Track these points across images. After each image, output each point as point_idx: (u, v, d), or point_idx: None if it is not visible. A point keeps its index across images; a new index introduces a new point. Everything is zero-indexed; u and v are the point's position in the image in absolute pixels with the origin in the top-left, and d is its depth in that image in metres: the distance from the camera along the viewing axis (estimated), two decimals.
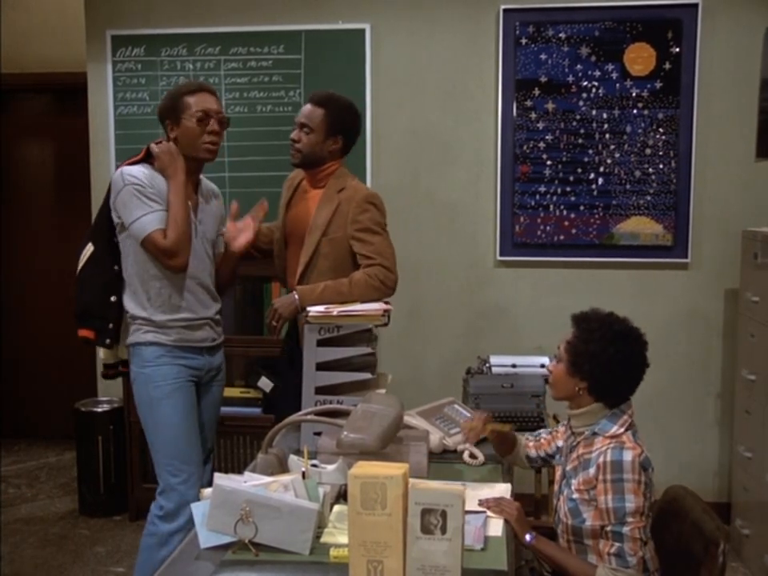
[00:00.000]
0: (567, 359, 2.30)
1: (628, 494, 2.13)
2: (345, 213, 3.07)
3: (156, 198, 2.82)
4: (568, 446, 2.38)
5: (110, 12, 4.33)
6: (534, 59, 4.09)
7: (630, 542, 2.12)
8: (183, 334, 2.93)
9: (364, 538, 1.74)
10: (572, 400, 2.35)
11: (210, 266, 3.03)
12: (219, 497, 2.00)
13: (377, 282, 2.98)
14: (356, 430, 2.15)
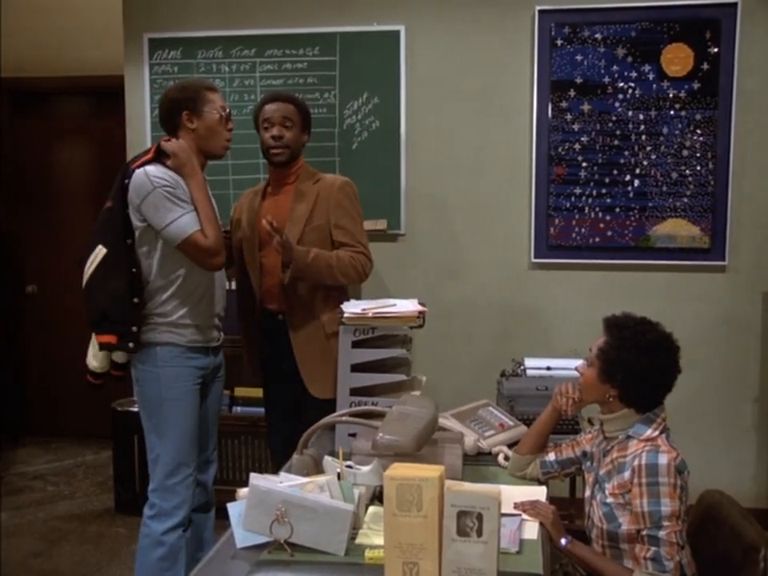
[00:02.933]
0: (599, 366, 2.28)
1: (664, 498, 2.11)
2: (326, 200, 3.16)
3: (186, 198, 2.82)
4: (600, 450, 2.36)
5: (147, 15, 4.38)
6: (569, 60, 4.07)
7: (667, 546, 2.10)
8: (196, 335, 2.94)
9: (399, 540, 1.74)
10: (601, 405, 2.34)
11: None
12: (255, 497, 2.01)
13: (358, 266, 3.14)
14: (391, 432, 2.16)
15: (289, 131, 3.16)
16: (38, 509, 4.49)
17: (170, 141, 2.86)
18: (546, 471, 2.53)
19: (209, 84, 3.00)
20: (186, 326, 2.92)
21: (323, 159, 4.25)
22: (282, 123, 3.15)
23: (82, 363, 2.95)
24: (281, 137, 3.14)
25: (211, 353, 3.04)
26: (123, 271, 2.83)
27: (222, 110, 2.92)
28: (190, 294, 2.91)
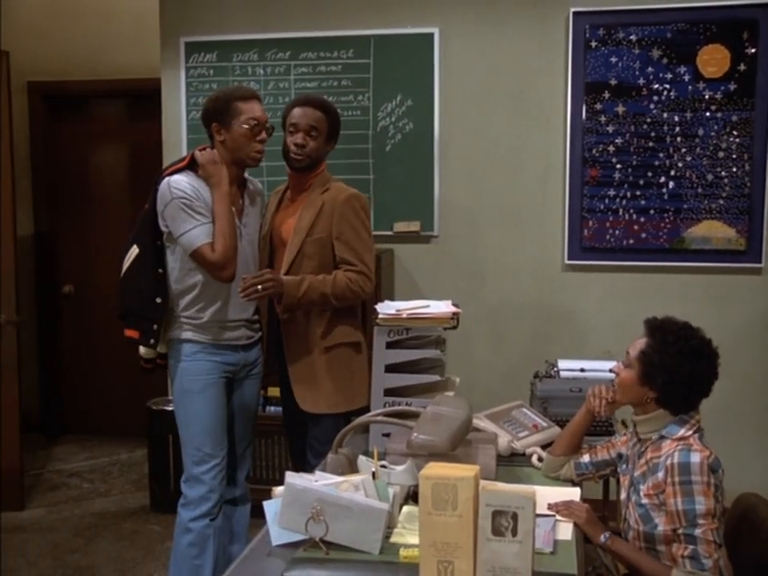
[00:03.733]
0: (640, 368, 2.28)
1: (698, 497, 2.10)
2: (329, 213, 3.06)
3: (202, 210, 2.89)
4: (635, 452, 2.36)
5: (183, 19, 4.43)
6: (604, 62, 4.05)
7: (704, 545, 2.09)
8: (219, 334, 3.01)
9: (435, 539, 1.75)
10: (636, 406, 2.33)
11: (254, 267, 3.09)
12: (291, 495, 2.03)
13: (356, 288, 3.02)
14: (426, 432, 2.17)
15: (313, 140, 3.08)
16: (74, 505, 4.55)
17: (205, 150, 2.97)
18: (580, 473, 2.53)
19: (242, 94, 2.98)
20: (210, 326, 3.01)
21: (357, 161, 4.28)
22: (307, 131, 3.07)
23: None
24: (303, 145, 3.06)
25: (241, 350, 3.09)
26: (150, 271, 2.99)
27: (251, 121, 2.93)
28: (213, 297, 2.99)
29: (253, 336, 3.14)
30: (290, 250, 3.07)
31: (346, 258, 3.04)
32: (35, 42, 5.44)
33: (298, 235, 3.07)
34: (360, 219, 3.09)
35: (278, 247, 3.17)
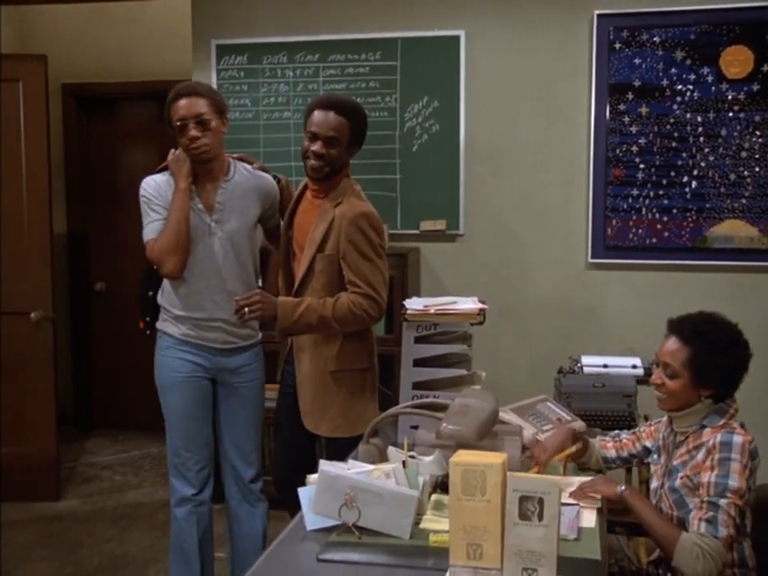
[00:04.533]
0: (689, 376, 2.31)
1: (733, 474, 2.16)
2: (338, 229, 2.89)
3: (158, 208, 2.99)
4: (670, 443, 2.42)
5: (215, 22, 4.54)
6: (627, 63, 4.12)
7: (725, 516, 2.13)
8: (192, 331, 3.04)
9: (464, 523, 1.83)
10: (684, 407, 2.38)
11: (235, 264, 3.03)
12: (324, 482, 2.12)
13: (359, 311, 2.85)
14: (454, 423, 2.25)
15: (333, 149, 2.89)
16: (107, 497, 4.68)
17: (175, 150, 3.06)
18: (607, 465, 2.62)
19: (175, 94, 2.95)
20: (183, 321, 3.05)
21: (384, 161, 4.37)
22: (326, 141, 2.88)
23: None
24: (322, 155, 2.88)
25: (218, 354, 3.07)
26: (148, 266, 3.16)
27: (176, 124, 2.93)
28: (185, 291, 3.02)
29: (234, 342, 3.09)
30: (302, 264, 2.98)
31: (351, 280, 2.88)
32: (69, 46, 5.57)
33: (310, 249, 2.94)
34: (367, 239, 2.89)
35: (295, 250, 3.09)
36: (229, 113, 3.08)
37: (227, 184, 3.03)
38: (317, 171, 2.91)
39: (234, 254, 3.03)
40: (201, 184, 3.01)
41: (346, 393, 2.99)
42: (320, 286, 2.93)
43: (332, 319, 2.85)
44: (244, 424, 3.18)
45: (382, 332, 4.15)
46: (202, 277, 3.00)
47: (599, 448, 2.64)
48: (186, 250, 2.95)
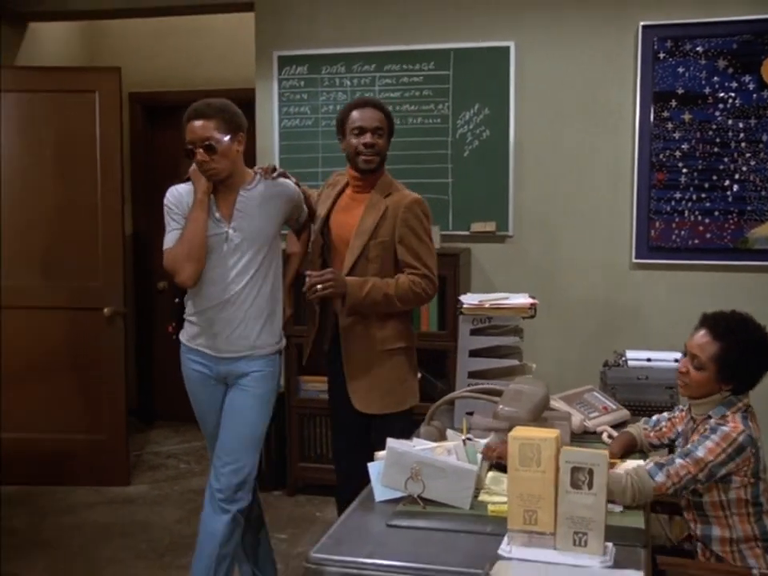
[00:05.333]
0: (715, 370, 2.49)
1: (702, 447, 2.37)
2: (393, 217, 3.14)
3: (178, 218, 3.02)
4: (688, 429, 2.61)
5: (277, 35, 4.79)
6: (671, 72, 4.29)
7: (673, 471, 2.34)
8: (200, 338, 3.07)
9: (521, 491, 2.05)
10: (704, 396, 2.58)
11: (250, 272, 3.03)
12: (392, 457, 2.35)
13: (419, 290, 3.12)
14: (510, 405, 2.47)
15: (380, 139, 3.17)
16: (173, 483, 4.96)
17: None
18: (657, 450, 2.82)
19: (187, 115, 2.95)
20: (193, 325, 3.09)
21: (436, 166, 4.60)
22: (373, 131, 3.15)
23: None
24: (374, 144, 3.15)
25: (223, 362, 3.07)
26: None
27: (187, 149, 2.93)
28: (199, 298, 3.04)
29: (239, 352, 3.06)
30: (351, 252, 3.16)
31: (409, 262, 3.14)
32: (136, 57, 5.87)
33: (361, 238, 3.15)
34: (422, 224, 3.18)
35: (336, 246, 3.25)
36: (245, 128, 3.03)
37: (247, 192, 3.04)
38: (370, 163, 3.17)
39: (249, 261, 3.02)
40: (221, 193, 3.03)
41: (395, 371, 3.23)
42: (372, 273, 3.14)
43: (395, 297, 3.09)
44: (233, 433, 3.09)
45: (435, 328, 4.37)
46: (213, 283, 3.00)
47: (644, 437, 2.82)
48: (199, 259, 2.96)
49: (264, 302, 3.06)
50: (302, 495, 4.72)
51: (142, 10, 5.07)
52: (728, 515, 2.47)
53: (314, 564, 2.03)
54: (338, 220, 3.26)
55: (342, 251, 3.22)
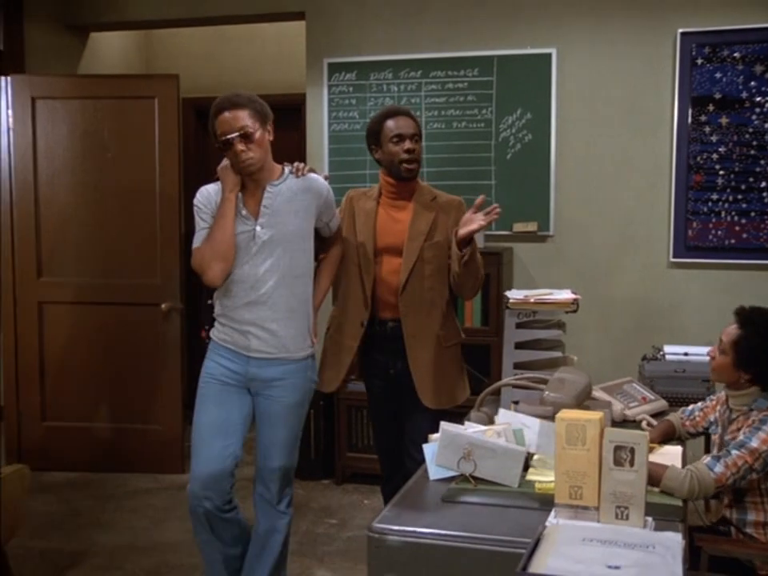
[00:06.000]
0: (734, 355, 2.67)
1: (755, 438, 2.49)
2: (445, 218, 3.26)
3: (206, 217, 2.98)
4: (726, 418, 2.77)
5: (327, 43, 5.01)
6: (709, 78, 4.44)
7: (731, 461, 2.45)
8: (227, 334, 3.02)
9: (567, 468, 2.22)
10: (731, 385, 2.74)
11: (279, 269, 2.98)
12: (446, 439, 2.54)
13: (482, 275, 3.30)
14: (555, 391, 2.65)
15: (417, 144, 3.22)
16: None
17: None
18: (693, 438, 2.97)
19: (216, 108, 2.91)
20: (222, 323, 3.04)
21: (480, 168, 4.78)
22: (412, 138, 3.20)
23: None
24: (413, 150, 3.20)
25: (251, 362, 3.02)
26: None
27: (222, 137, 2.89)
28: (227, 296, 2.98)
29: (268, 353, 3.01)
30: (408, 256, 3.23)
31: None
32: (189, 63, 6.12)
33: (416, 241, 3.23)
34: None
35: (382, 253, 3.28)
36: (272, 118, 3.03)
37: (274, 188, 2.99)
38: (412, 171, 3.23)
39: (278, 257, 2.98)
40: (249, 190, 3.00)
41: (456, 364, 3.38)
42: (429, 273, 3.25)
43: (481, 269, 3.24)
44: (270, 440, 3.11)
45: (478, 324, 4.55)
46: (242, 282, 2.96)
47: (681, 426, 2.98)
48: (227, 259, 2.92)
49: (296, 302, 3.03)
50: (350, 484, 4.91)
51: (198, 19, 5.31)
52: (765, 501, 2.62)
53: (376, 533, 2.22)
54: (384, 228, 3.29)
55: (390, 258, 3.27)
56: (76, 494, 4.72)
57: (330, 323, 3.43)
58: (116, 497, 4.71)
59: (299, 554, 3.95)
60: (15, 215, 5.02)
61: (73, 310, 5.04)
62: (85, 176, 5.00)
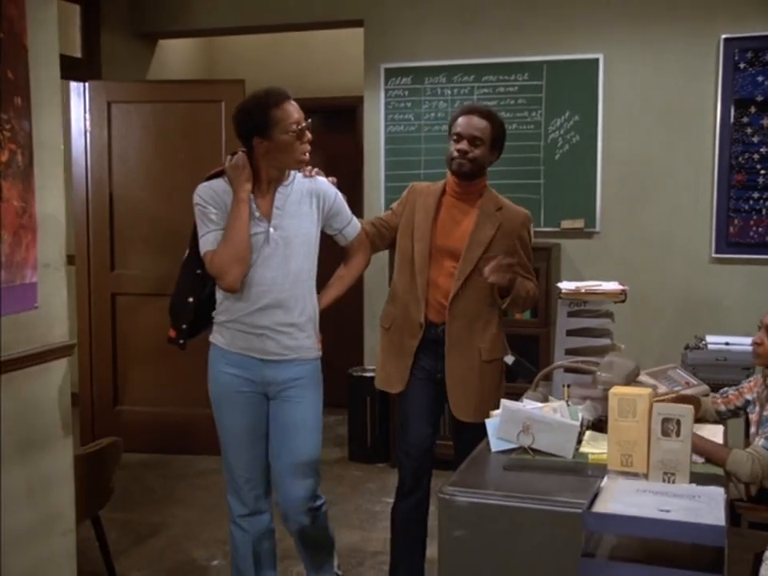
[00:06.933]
0: None
1: None
2: (509, 232, 3.22)
3: (215, 216, 2.88)
4: (764, 396, 2.99)
5: (384, 49, 5.28)
6: (751, 81, 4.65)
7: None
8: (238, 339, 2.93)
9: (619, 438, 2.47)
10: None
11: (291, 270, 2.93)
12: (507, 414, 2.79)
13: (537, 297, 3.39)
14: (607, 372, 2.90)
15: (477, 149, 3.15)
16: None
17: (237, 154, 2.97)
18: (722, 418, 3.19)
19: (275, 99, 2.87)
20: (230, 326, 2.94)
21: (530, 168, 5.03)
22: (470, 140, 3.14)
23: None
24: (466, 152, 3.14)
25: (267, 365, 2.95)
26: (189, 270, 3.03)
27: (294, 125, 2.84)
28: (239, 299, 2.91)
29: (282, 354, 2.95)
30: (466, 263, 3.17)
31: (523, 275, 3.27)
32: (250, 68, 6.41)
33: (476, 250, 3.16)
34: (531, 239, 3.37)
35: (440, 254, 3.22)
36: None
37: (285, 189, 2.95)
38: (461, 166, 3.15)
39: (290, 259, 2.93)
40: (260, 191, 2.93)
41: (493, 380, 3.32)
42: (482, 285, 3.16)
43: (532, 300, 3.33)
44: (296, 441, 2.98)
45: (528, 315, 4.80)
46: (256, 285, 2.89)
47: (711, 404, 3.20)
48: (246, 262, 2.85)
49: (307, 305, 2.99)
50: None
51: (260, 27, 5.61)
52: None
53: (447, 495, 2.49)
54: (443, 229, 3.23)
55: (444, 259, 3.22)
56: (149, 472, 5.06)
57: (388, 322, 3.35)
58: (186, 475, 5.03)
59: (361, 528, 4.23)
60: (91, 212, 5.36)
61: (143, 301, 5.37)
62: (155, 175, 5.32)
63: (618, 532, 1.69)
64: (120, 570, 3.69)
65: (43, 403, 2.92)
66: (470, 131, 3.15)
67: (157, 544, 4.09)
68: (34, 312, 2.82)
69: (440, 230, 3.21)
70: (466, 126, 3.15)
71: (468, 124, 3.16)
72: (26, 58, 2.65)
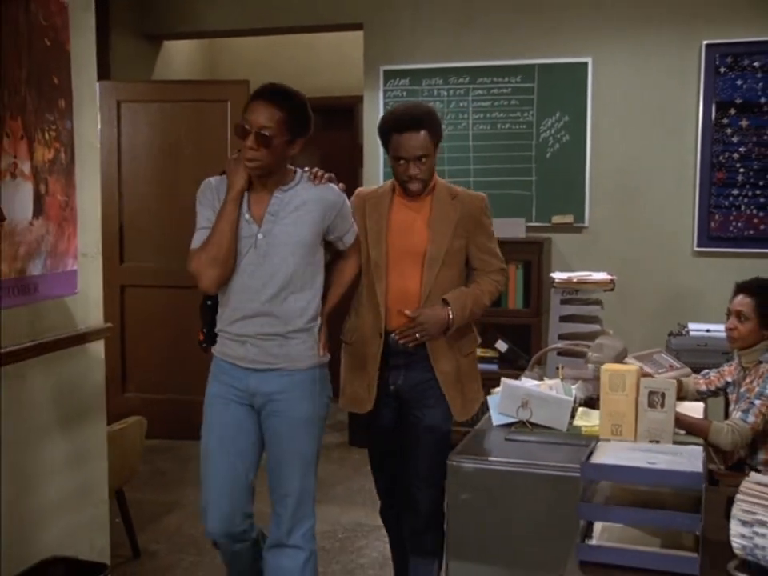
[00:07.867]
0: (757, 320, 3.18)
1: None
2: (466, 220, 2.97)
3: (208, 213, 2.73)
4: (739, 378, 3.26)
5: (383, 51, 5.53)
6: (731, 84, 4.92)
7: (756, 410, 2.95)
8: (226, 347, 2.76)
9: (610, 410, 2.73)
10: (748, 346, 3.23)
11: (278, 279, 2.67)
12: (507, 391, 3.05)
13: (501, 286, 3.07)
14: (598, 352, 3.16)
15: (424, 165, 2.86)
16: None
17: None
18: (702, 397, 3.46)
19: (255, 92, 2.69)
20: (220, 335, 2.80)
21: (522, 166, 5.29)
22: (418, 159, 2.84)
23: None
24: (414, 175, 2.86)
25: (251, 374, 2.72)
26: None
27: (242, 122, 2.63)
28: (226, 305, 2.75)
29: (268, 363, 2.71)
30: (432, 262, 2.93)
31: (485, 259, 3.03)
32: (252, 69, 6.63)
33: (439, 246, 2.94)
34: (490, 220, 3.07)
35: (399, 257, 2.96)
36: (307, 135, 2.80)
37: (283, 194, 2.71)
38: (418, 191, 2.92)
39: (279, 267, 2.68)
40: (256, 192, 2.72)
41: (474, 374, 3.13)
42: (449, 278, 2.97)
43: (488, 301, 3.03)
44: (275, 464, 2.78)
45: (520, 305, 5.05)
46: (242, 291, 2.69)
47: (693, 384, 3.45)
48: (226, 265, 2.65)
49: (299, 315, 2.72)
50: None
51: (263, 29, 5.85)
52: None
53: (455, 461, 2.74)
54: (399, 229, 2.98)
55: (405, 263, 2.96)
56: (158, 456, 5.28)
57: (350, 335, 3.08)
58: (195, 459, 5.17)
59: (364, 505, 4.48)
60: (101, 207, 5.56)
61: (151, 293, 5.59)
62: (163, 171, 5.54)
63: (612, 479, 1.94)
64: (140, 543, 3.91)
65: (81, 381, 3.16)
66: (412, 152, 2.84)
67: (172, 520, 4.32)
68: (74, 297, 3.06)
69: (395, 231, 2.96)
70: (408, 148, 2.84)
71: (407, 144, 2.83)
72: (69, 63, 2.89)
